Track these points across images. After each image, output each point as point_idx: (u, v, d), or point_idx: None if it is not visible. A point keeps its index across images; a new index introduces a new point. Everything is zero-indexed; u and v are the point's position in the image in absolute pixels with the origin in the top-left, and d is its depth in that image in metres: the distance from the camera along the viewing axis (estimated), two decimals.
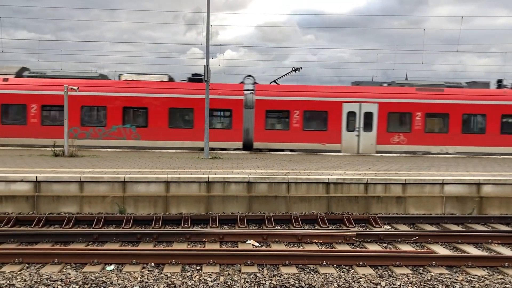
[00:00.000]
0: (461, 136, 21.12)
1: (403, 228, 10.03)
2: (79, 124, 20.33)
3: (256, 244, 8.43)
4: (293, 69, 22.68)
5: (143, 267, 7.05)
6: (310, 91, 20.87)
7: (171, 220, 10.05)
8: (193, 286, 6.20)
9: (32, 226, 9.45)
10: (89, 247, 8.12)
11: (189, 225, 9.79)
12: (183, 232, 8.75)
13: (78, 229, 9.28)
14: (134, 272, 6.75)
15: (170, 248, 8.06)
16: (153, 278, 6.48)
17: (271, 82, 22.38)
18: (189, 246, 8.37)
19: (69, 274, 6.52)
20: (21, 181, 10.52)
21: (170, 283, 6.27)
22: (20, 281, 6.22)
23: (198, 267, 7.07)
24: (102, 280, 6.30)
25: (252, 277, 6.60)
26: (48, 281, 6.23)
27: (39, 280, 6.26)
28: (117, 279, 6.38)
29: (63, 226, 9.50)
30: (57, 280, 6.25)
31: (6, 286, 6.08)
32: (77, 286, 6.11)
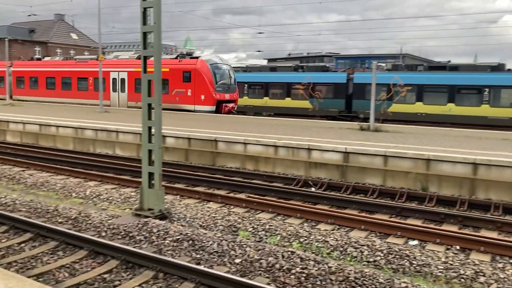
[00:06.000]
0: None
1: None
2: None
3: None
4: None
5: (447, 249, 6.84)
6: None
7: (477, 205, 9.34)
8: (505, 280, 5.64)
9: (341, 192, 10.41)
10: (392, 219, 8.39)
11: (500, 213, 8.87)
12: (492, 220, 8.02)
13: (382, 200, 9.70)
14: (438, 251, 6.63)
15: (477, 234, 7.51)
16: (458, 261, 6.20)
17: None
18: (499, 235, 7.61)
19: (375, 241, 6.91)
20: (333, 151, 11.67)
21: (478, 270, 5.88)
22: (332, 239, 6.99)
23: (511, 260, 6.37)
24: (406, 254, 6.43)
25: None
26: (356, 244, 6.77)
27: (348, 241, 6.87)
28: (420, 256, 6.39)
29: (367, 195, 10.10)
30: (364, 245, 6.72)
31: (321, 241, 6.95)
32: (381, 254, 6.44)
